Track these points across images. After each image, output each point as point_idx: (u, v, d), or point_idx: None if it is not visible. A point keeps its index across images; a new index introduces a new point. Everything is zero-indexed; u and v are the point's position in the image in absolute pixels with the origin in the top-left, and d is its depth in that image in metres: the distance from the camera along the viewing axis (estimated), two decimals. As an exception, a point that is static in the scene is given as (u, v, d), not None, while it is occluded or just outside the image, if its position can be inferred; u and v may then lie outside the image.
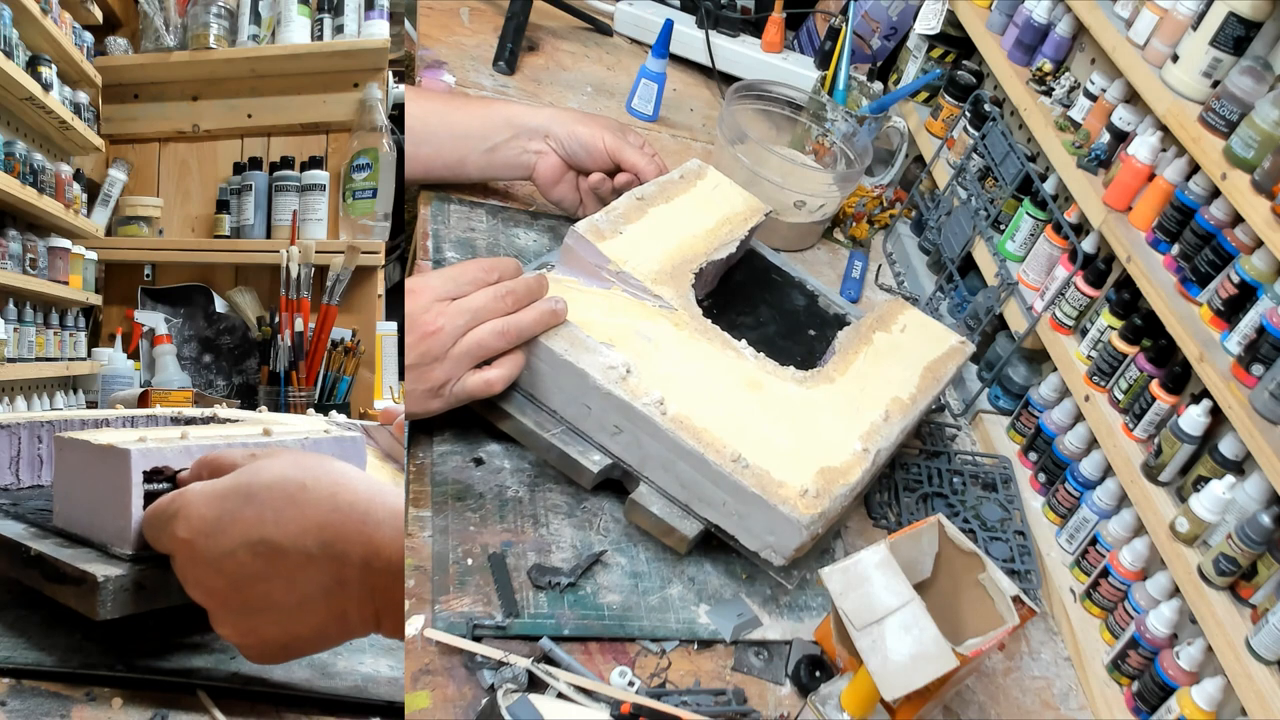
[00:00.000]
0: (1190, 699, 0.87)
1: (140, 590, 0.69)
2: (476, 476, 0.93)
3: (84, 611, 0.67)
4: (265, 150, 2.17)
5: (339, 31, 2.06)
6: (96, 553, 0.72)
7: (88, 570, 0.67)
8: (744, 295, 1.14)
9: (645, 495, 0.90)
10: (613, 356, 0.89)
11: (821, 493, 0.86)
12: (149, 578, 0.69)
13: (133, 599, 0.69)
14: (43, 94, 1.87)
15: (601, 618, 0.85)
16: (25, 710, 0.64)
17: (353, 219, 2.07)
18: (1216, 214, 0.97)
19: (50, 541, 0.74)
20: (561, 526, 0.91)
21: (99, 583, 0.66)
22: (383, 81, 2.10)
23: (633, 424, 0.88)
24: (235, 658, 0.74)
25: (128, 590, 0.68)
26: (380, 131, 2.06)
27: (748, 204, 1.16)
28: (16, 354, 1.88)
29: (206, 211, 2.19)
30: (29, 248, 1.92)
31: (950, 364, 1.07)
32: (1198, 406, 0.93)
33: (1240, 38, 0.97)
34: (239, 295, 2.10)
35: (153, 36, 2.14)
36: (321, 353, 1.95)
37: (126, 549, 0.71)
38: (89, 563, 0.69)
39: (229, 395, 2.07)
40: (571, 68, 1.56)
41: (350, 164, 2.07)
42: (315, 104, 2.13)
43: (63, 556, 0.70)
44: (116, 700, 0.66)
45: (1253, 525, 0.85)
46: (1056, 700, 0.95)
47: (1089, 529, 1.05)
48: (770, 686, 0.85)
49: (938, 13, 1.47)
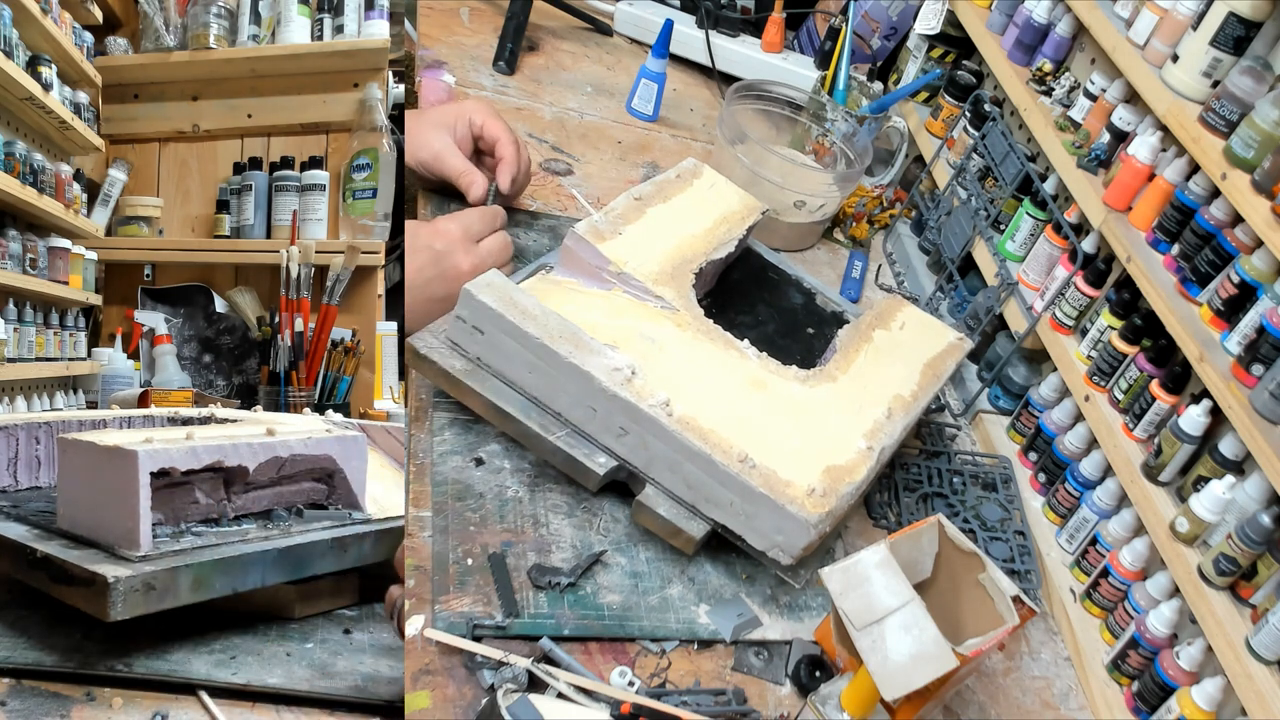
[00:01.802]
0: (1190, 699, 0.87)
1: (150, 591, 0.69)
2: (477, 476, 0.93)
3: (94, 613, 0.67)
4: (265, 150, 2.17)
5: (339, 31, 2.06)
6: (104, 554, 0.72)
7: (98, 571, 0.67)
8: (742, 294, 1.14)
9: (652, 497, 0.90)
10: (617, 358, 0.89)
11: (828, 491, 0.86)
12: (158, 578, 0.69)
13: (143, 599, 0.69)
14: (43, 94, 1.87)
15: (601, 618, 0.85)
16: (25, 710, 0.64)
17: (353, 219, 2.07)
18: (1216, 214, 0.97)
19: (56, 543, 0.74)
20: (562, 526, 0.91)
21: (110, 584, 0.66)
22: (383, 81, 2.10)
23: (639, 426, 0.88)
24: (235, 658, 0.74)
25: (138, 591, 0.68)
26: (380, 131, 2.06)
27: (744, 203, 1.16)
28: (16, 354, 1.87)
29: (206, 211, 2.18)
30: (29, 248, 1.92)
31: (950, 360, 1.07)
32: (1198, 406, 0.93)
33: (1240, 38, 0.97)
34: (239, 295, 2.10)
35: (153, 36, 2.14)
36: (321, 353, 1.95)
37: (136, 550, 0.71)
38: (98, 564, 0.69)
39: (229, 395, 2.07)
40: (571, 68, 1.56)
41: (350, 164, 2.07)
42: (315, 104, 2.13)
43: (70, 558, 0.70)
44: (116, 700, 0.66)
45: (1253, 525, 0.85)
46: (1056, 700, 0.95)
47: (1089, 529, 1.05)
48: (770, 686, 0.85)
49: (938, 13, 1.47)
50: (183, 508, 0.81)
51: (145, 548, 0.73)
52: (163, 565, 0.70)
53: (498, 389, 0.92)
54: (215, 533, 0.81)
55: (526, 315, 0.90)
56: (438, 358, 0.93)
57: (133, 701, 0.66)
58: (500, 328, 0.90)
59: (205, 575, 0.73)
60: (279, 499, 0.89)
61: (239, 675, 0.71)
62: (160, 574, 0.70)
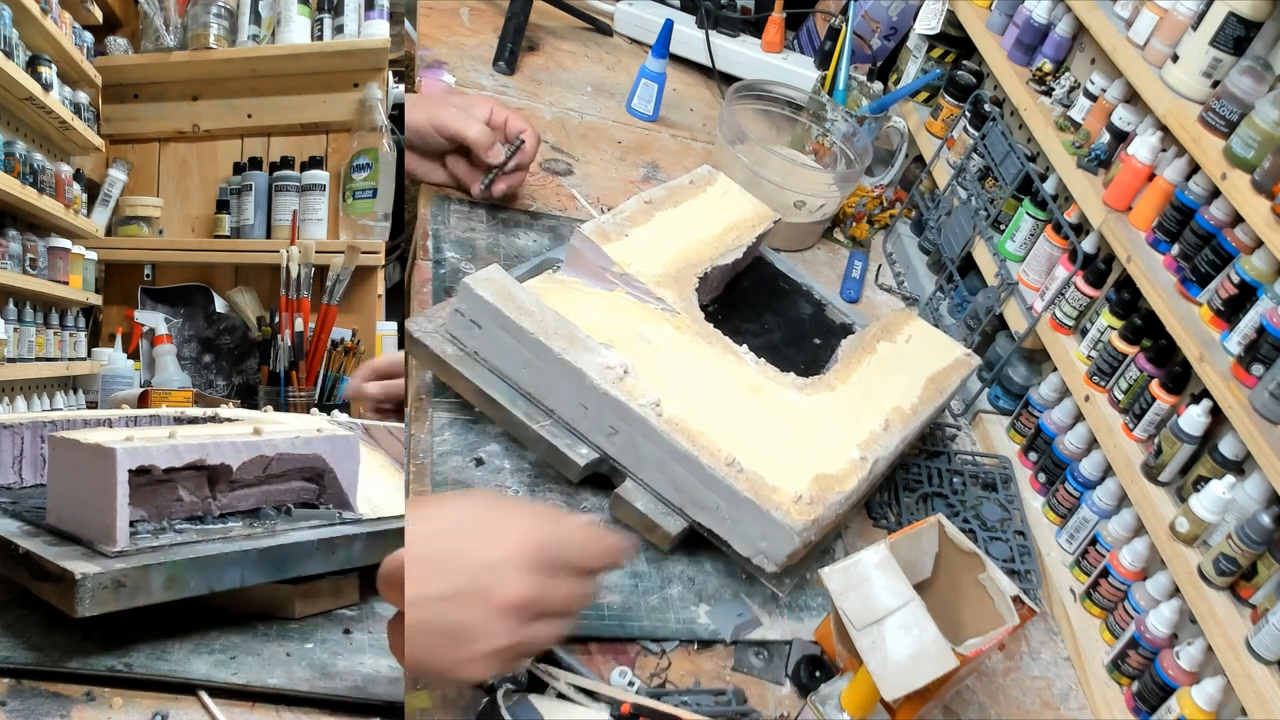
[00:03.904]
0: (1190, 699, 0.87)
1: (120, 588, 0.69)
2: (477, 476, 0.93)
3: (64, 609, 0.67)
4: (265, 150, 2.17)
5: (339, 31, 2.06)
6: (83, 550, 0.72)
7: (67, 568, 0.67)
8: (750, 302, 1.14)
9: (630, 490, 0.89)
10: (611, 357, 0.89)
11: (816, 499, 0.85)
12: (130, 576, 0.69)
13: (113, 597, 0.68)
14: (43, 94, 1.87)
15: (601, 618, 0.85)
16: (25, 710, 0.64)
17: (353, 219, 2.07)
18: (1216, 214, 0.97)
19: (41, 539, 0.74)
20: (561, 526, 0.91)
21: (77, 580, 0.66)
22: (383, 81, 2.10)
23: (628, 425, 0.88)
24: (235, 658, 0.74)
25: (106, 588, 0.68)
26: (380, 131, 2.06)
27: (756, 211, 1.15)
28: (16, 354, 1.87)
29: (206, 211, 2.18)
30: (29, 248, 1.92)
31: (954, 376, 1.07)
32: (1198, 406, 0.93)
33: (1240, 38, 0.97)
34: (239, 295, 2.10)
35: (153, 36, 2.14)
36: (321, 353, 1.95)
37: (112, 546, 0.71)
38: (71, 560, 0.69)
39: (229, 395, 2.07)
40: (571, 68, 1.56)
41: (350, 164, 2.07)
42: (315, 104, 2.13)
43: (47, 554, 0.70)
44: (116, 700, 0.66)
45: (1253, 525, 0.85)
46: (1056, 700, 0.95)
47: (1089, 529, 1.05)
48: (770, 686, 0.85)
49: (938, 13, 1.47)
50: (166, 505, 0.81)
51: (122, 543, 0.72)
52: (134, 563, 0.70)
53: (486, 376, 0.92)
54: (197, 530, 0.80)
55: (523, 311, 0.90)
56: (430, 342, 0.93)
57: (133, 701, 0.66)
58: (497, 322, 0.90)
59: (179, 573, 0.72)
60: (266, 498, 0.89)
61: (239, 675, 0.71)
62: (131, 571, 0.69)
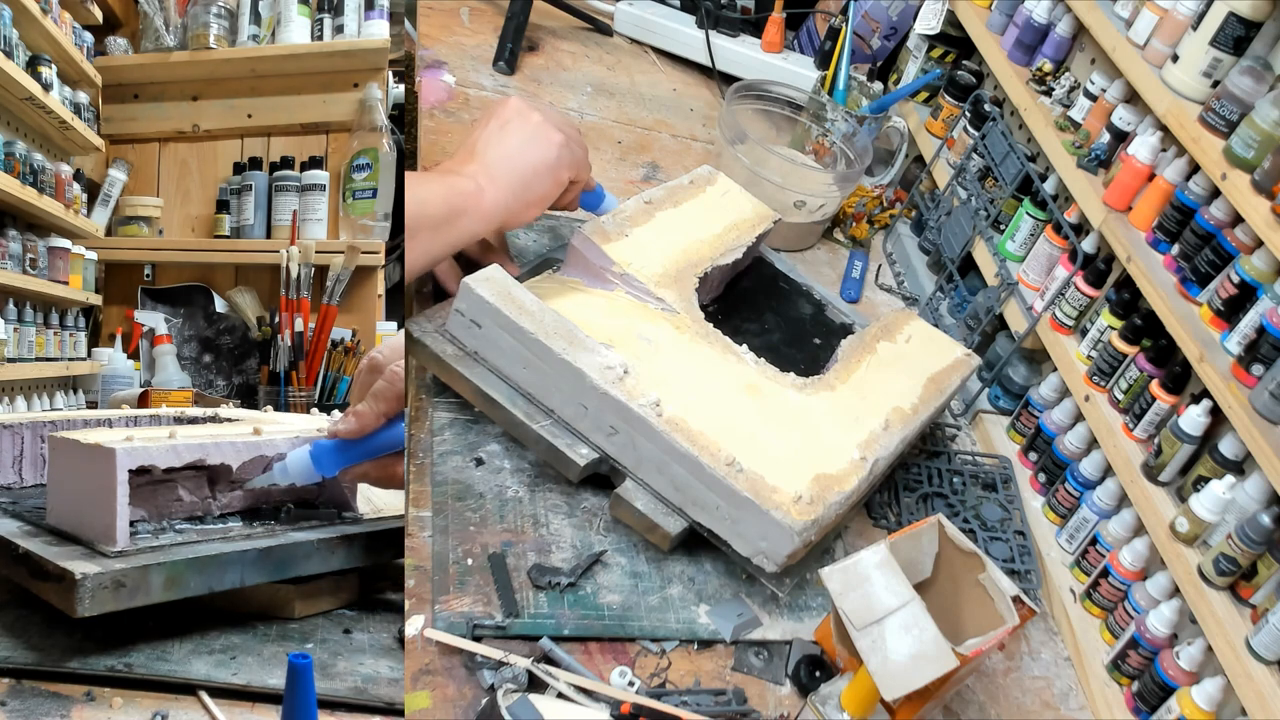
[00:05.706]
0: (1190, 699, 0.87)
1: (120, 588, 0.69)
2: (477, 476, 0.93)
3: (64, 609, 0.67)
4: (265, 150, 2.17)
5: (339, 31, 2.07)
6: (83, 550, 0.72)
7: (67, 568, 0.67)
8: (750, 302, 1.14)
9: (630, 490, 0.89)
10: (611, 357, 0.89)
11: (816, 499, 0.85)
12: (130, 576, 0.69)
13: (112, 597, 0.68)
14: (43, 94, 1.87)
15: (601, 618, 0.85)
16: (25, 710, 0.64)
17: (353, 219, 2.07)
18: (1216, 214, 0.97)
19: (41, 539, 0.74)
20: (561, 526, 0.91)
21: (77, 580, 0.66)
22: (383, 81, 2.10)
23: (628, 425, 0.88)
24: (235, 658, 0.74)
25: (106, 588, 0.68)
26: (380, 131, 2.06)
27: (756, 211, 1.15)
28: (16, 354, 1.87)
29: (206, 211, 2.19)
30: (29, 248, 1.92)
31: (955, 376, 1.06)
32: (1198, 406, 0.93)
33: (1240, 38, 0.97)
34: (239, 295, 2.10)
35: (153, 36, 2.14)
36: (321, 353, 1.96)
37: (112, 546, 0.71)
38: (71, 560, 0.69)
39: (229, 395, 2.07)
40: (571, 68, 1.56)
41: (350, 164, 2.07)
42: (315, 104, 2.13)
43: (47, 554, 0.70)
44: (116, 700, 0.66)
45: (1253, 525, 0.85)
46: (1056, 700, 0.95)
47: (1089, 529, 1.05)
48: (770, 686, 0.85)
49: (938, 13, 1.47)
50: (166, 505, 0.81)
51: (122, 543, 0.73)
52: (134, 563, 0.70)
53: (486, 376, 0.92)
54: (197, 530, 0.80)
55: (523, 311, 0.89)
56: (430, 341, 0.93)
57: (133, 701, 0.66)
58: (497, 322, 0.90)
59: (179, 574, 0.72)
60: (266, 497, 0.89)
61: (239, 675, 0.71)
62: (131, 571, 0.69)
